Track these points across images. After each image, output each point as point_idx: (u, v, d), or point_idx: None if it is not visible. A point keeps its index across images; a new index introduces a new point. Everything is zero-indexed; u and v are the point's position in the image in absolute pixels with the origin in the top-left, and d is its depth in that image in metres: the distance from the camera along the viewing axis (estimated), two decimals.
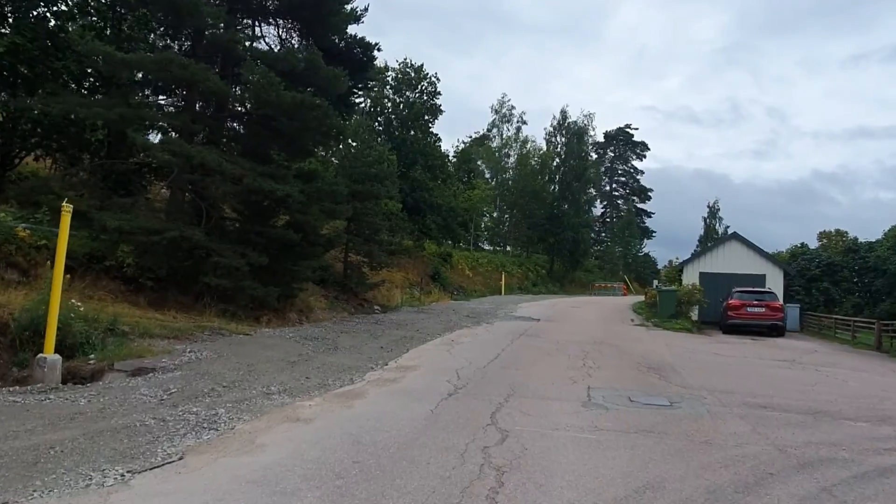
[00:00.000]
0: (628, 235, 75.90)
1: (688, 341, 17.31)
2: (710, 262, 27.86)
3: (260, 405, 7.01)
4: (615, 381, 9.58)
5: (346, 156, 25.73)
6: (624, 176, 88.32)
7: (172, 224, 14.22)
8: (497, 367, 10.48)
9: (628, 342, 15.90)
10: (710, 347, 15.83)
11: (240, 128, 18.63)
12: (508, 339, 15.27)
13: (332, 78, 16.31)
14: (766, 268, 27.24)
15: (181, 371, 8.64)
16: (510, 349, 13.23)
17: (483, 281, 45.76)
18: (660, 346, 15.53)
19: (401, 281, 33.59)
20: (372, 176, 26.05)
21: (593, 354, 12.94)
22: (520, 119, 63.44)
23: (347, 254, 26.26)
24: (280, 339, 12.72)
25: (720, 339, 18.74)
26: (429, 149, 41.50)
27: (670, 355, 13.52)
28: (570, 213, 57.60)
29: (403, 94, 42.34)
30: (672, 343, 16.36)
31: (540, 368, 10.66)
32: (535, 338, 15.85)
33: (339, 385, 8.59)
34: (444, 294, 34.81)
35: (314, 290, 22.77)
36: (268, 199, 15.21)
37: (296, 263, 17.77)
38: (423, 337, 15.21)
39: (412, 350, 12.73)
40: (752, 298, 22.39)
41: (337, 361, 10.63)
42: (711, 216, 66.67)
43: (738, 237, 28.00)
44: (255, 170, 15.48)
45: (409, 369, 10.10)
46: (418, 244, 38.66)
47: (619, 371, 10.75)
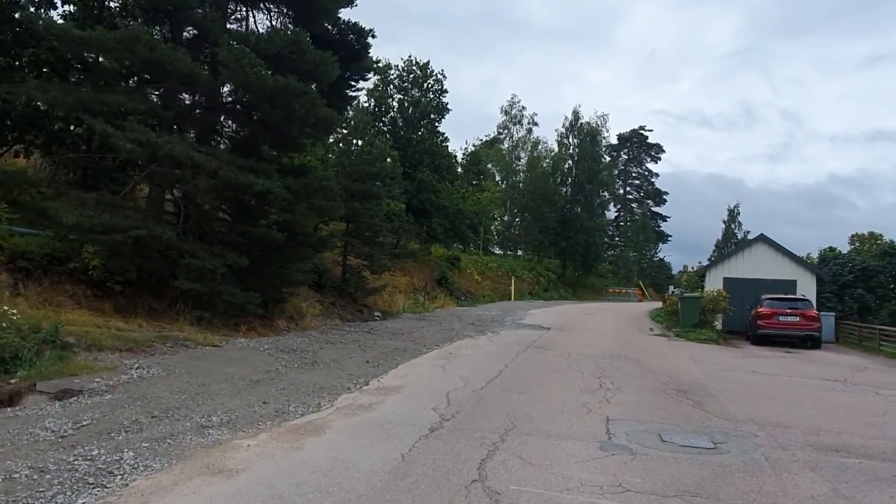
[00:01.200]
0: (643, 239, 73.82)
1: (716, 355, 15.56)
2: (735, 267, 26.02)
3: (184, 446, 5.43)
4: (639, 410, 7.91)
5: (345, 153, 24.21)
6: (638, 179, 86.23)
7: (140, 222, 12.74)
8: (497, 389, 8.84)
9: (649, 356, 14.20)
10: (743, 363, 14.07)
11: (225, 120, 17.16)
12: (514, 351, 13.62)
13: (319, 63, 14.77)
14: (796, 273, 25.34)
15: (112, 394, 7.09)
16: (514, 365, 11.58)
17: (492, 286, 44.09)
18: (686, 360, 13.81)
19: (405, 286, 32.05)
20: (372, 174, 24.53)
21: (611, 371, 11.26)
22: (530, 120, 61.73)
23: (346, 256, 24.75)
24: (253, 351, 11.16)
25: (751, 353, 16.95)
26: (435, 148, 39.91)
27: (700, 373, 11.80)
28: (582, 216, 55.81)
29: (409, 92, 40.81)
30: (699, 357, 14.62)
31: (548, 391, 9.00)
32: (543, 350, 14.19)
33: (299, 413, 7.00)
34: (451, 300, 33.18)
35: (309, 295, 21.30)
36: (247, 194, 13.67)
37: (283, 266, 16.26)
38: (417, 349, 13.60)
39: (402, 365, 11.12)
40: (784, 306, 20.53)
41: (309, 380, 9.04)
42: (731, 220, 64.42)
43: (766, 239, 26.11)
44: (233, 162, 13.98)
45: (391, 391, 8.49)
46: (424, 247, 37.06)
47: (643, 394, 9.07)
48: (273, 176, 14.29)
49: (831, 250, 35.49)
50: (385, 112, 40.89)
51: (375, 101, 40.35)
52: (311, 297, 21.22)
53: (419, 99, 40.27)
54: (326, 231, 25.19)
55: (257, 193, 13.57)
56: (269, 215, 16.02)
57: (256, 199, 14.27)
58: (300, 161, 25.52)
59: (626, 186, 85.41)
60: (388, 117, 40.86)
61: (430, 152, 39.70)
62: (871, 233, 52.07)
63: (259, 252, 15.41)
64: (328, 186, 16.39)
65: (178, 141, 12.47)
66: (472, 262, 45.30)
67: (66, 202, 12.84)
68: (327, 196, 16.44)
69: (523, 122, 61.56)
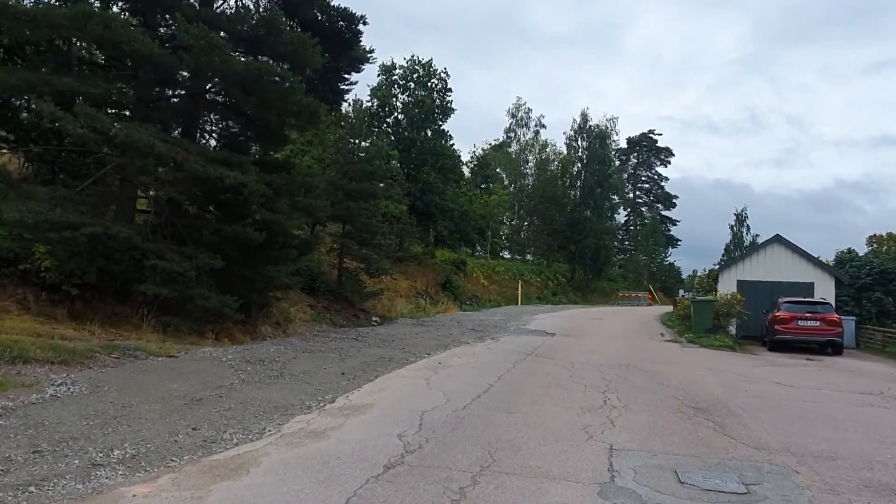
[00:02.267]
0: (653, 243, 72.23)
1: (733, 363, 14.16)
2: (750, 269, 24.55)
3: (48, 497, 4.16)
4: (650, 435, 6.57)
5: (341, 151, 23.01)
6: (648, 182, 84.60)
7: (94, 219, 11.55)
8: (482, 409, 7.52)
9: (661, 365, 12.83)
10: (764, 372, 12.66)
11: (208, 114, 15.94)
12: (511, 361, 12.30)
13: (299, 46, 13.55)
14: (814, 275, 23.85)
15: (5, 420, 5.85)
16: (509, 377, 10.25)
17: (499, 290, 42.73)
18: (701, 370, 12.43)
19: (407, 290, 30.79)
20: (369, 173, 23.32)
21: (618, 384, 9.92)
22: (538, 122, 60.31)
23: (342, 259, 23.53)
24: (213, 362, 9.90)
25: (770, 360, 15.52)
26: (439, 149, 38.68)
27: (718, 385, 10.42)
28: (592, 219, 54.36)
29: (413, 92, 39.60)
30: (716, 366, 13.23)
31: (543, 410, 7.67)
32: (545, 359, 12.85)
33: (232, 443, 5.73)
34: (455, 304, 31.86)
35: (300, 300, 20.11)
36: (220, 189, 12.44)
37: (265, 268, 15.04)
38: (404, 358, 12.31)
39: (381, 378, 9.84)
40: (804, 310, 19.08)
41: (265, 397, 7.77)
42: (739, 224, 62.70)
43: (782, 240, 24.63)
44: (204, 154, 12.79)
45: (357, 411, 7.20)
46: (428, 251, 35.80)
47: (655, 414, 7.73)
48: (249, 170, 13.07)
49: (848, 252, 33.88)
50: (389, 112, 39.75)
51: (379, 100, 39.23)
52: (302, 302, 20.04)
53: (423, 98, 39.08)
54: (324, 232, 24.05)
55: (229, 188, 12.34)
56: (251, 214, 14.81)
57: (230, 194, 13.04)
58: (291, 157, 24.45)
59: (636, 190, 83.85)
60: (391, 118, 39.74)
61: (435, 152, 38.52)
62: (889, 234, 50.33)
63: (238, 253, 14.24)
64: (312, 182, 15.17)
65: (137, 127, 11.24)
66: (478, 265, 43.98)
67: (14, 197, 11.68)
68: (312, 193, 15.22)
69: (530, 125, 60.26)
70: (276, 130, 15.14)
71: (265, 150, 16.49)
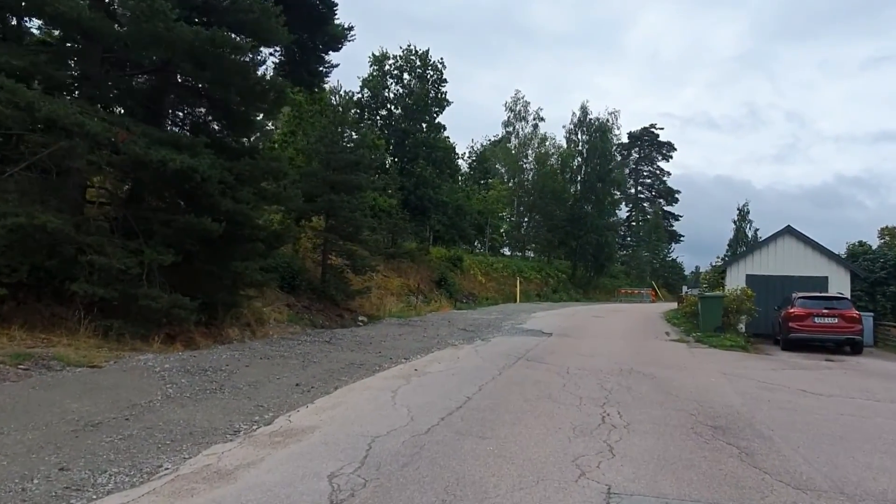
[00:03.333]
0: (655, 239, 70.73)
1: (748, 366, 12.68)
2: (759, 263, 23.07)
3: None
4: (660, 469, 5.11)
5: (322, 139, 21.55)
6: (650, 178, 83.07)
7: (20, 208, 10.12)
8: (449, 433, 6.07)
9: (668, 369, 11.36)
10: (784, 377, 11.17)
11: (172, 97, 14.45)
12: (498, 366, 10.84)
13: (260, 15, 12.10)
14: (828, 268, 22.37)
15: None
16: (492, 387, 8.80)
17: (497, 287, 41.29)
18: (714, 375, 10.95)
19: (398, 288, 29.36)
20: (352, 163, 21.87)
21: (619, 395, 8.47)
22: (536, 116, 58.72)
23: (326, 255, 22.09)
24: (142, 373, 8.44)
25: (787, 362, 14.04)
26: (433, 141, 37.16)
27: (736, 395, 8.95)
28: (593, 214, 52.84)
29: (407, 83, 38.08)
30: (730, 370, 11.75)
31: (525, 433, 6.22)
32: (537, 364, 11.39)
33: (102, 491, 4.27)
34: (449, 302, 30.41)
35: (279, 299, 18.72)
36: (161, 173, 10.97)
37: (230, 264, 13.63)
38: (378, 364, 10.86)
39: (340, 390, 8.39)
40: (821, 306, 17.60)
41: (185, 419, 6.33)
42: (742, 219, 61.29)
43: (793, 232, 23.14)
44: (149, 134, 11.33)
45: (291, 438, 5.75)
46: (422, 247, 34.34)
47: (664, 436, 6.27)
48: (201, 152, 11.60)
49: (860, 245, 32.36)
50: (381, 104, 38.26)
51: (370, 91, 37.75)
52: (279, 301, 18.63)
53: (417, 90, 37.54)
54: (308, 226, 22.58)
55: (176, 173, 10.88)
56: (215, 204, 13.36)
57: (181, 181, 11.59)
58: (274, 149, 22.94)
59: (638, 185, 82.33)
60: (384, 110, 38.25)
61: (429, 145, 37.01)
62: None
63: (199, 248, 12.85)
64: (278, 168, 13.67)
65: (63, 102, 9.79)
66: (476, 262, 42.53)
67: None
68: (278, 179, 13.77)
69: (528, 119, 58.67)
70: (241, 113, 13.70)
71: (234, 136, 15.05)
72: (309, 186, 21.52)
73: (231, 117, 14.31)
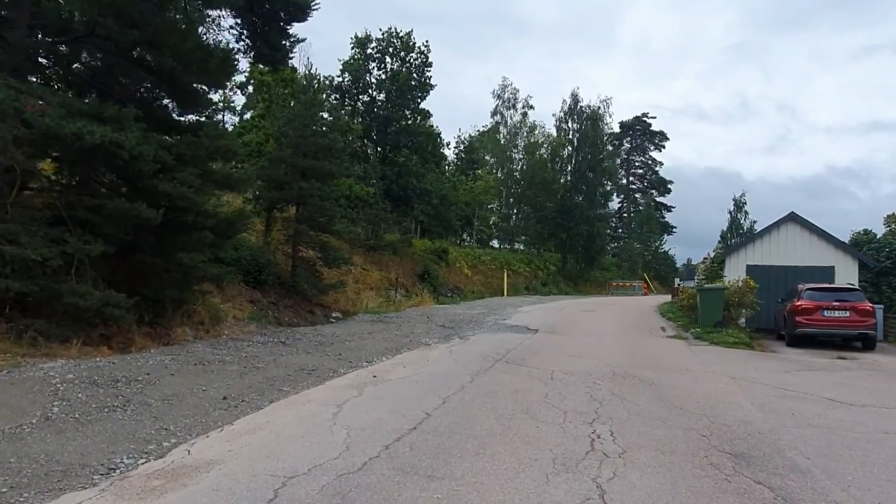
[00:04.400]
0: (647, 231, 69.41)
1: (758, 367, 11.25)
2: (760, 252, 21.71)
3: None
4: None
5: (290, 122, 19.96)
6: (642, 168, 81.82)
7: None
8: (388, 470, 4.57)
9: (669, 373, 9.92)
10: (803, 382, 9.73)
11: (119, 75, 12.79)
12: (471, 371, 9.37)
13: None
14: (835, 257, 21.02)
15: None
16: (458, 400, 7.32)
17: (484, 281, 39.83)
18: (722, 380, 9.51)
19: (378, 282, 27.83)
20: (323, 148, 20.32)
21: (612, 408, 7.01)
22: (525, 104, 57.15)
23: (297, 248, 20.55)
24: (32, 385, 6.89)
25: (799, 361, 12.64)
26: (417, 127, 35.60)
27: (754, 407, 7.49)
28: (584, 205, 51.34)
29: (389, 67, 36.45)
30: (738, 372, 10.32)
31: (489, 468, 4.73)
32: (517, 367, 9.92)
33: None
34: (432, 297, 28.91)
35: (241, 294, 17.21)
36: (79, 149, 9.39)
37: (178, 256, 12.13)
38: (333, 369, 9.36)
39: (274, 405, 6.89)
40: (831, 299, 16.24)
41: (48, 452, 4.82)
42: (737, 210, 60.05)
43: (798, 219, 21.76)
44: (66, 104, 9.74)
45: (173, 483, 4.24)
46: (404, 238, 32.80)
47: (673, 470, 4.80)
48: (129, 126, 10.02)
49: (865, 233, 31.08)
50: (363, 89, 36.65)
51: (351, 75, 36.14)
52: (242, 297, 17.12)
53: (401, 74, 35.91)
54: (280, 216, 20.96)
55: (93, 149, 9.31)
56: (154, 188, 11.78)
57: (104, 158, 10.03)
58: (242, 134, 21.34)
59: (630, 176, 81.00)
60: (366, 95, 36.64)
61: (412, 132, 35.47)
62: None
63: (136, 238, 11.34)
64: (227, 147, 12.08)
65: None
66: (462, 255, 41.01)
67: None
68: (227, 160, 12.21)
69: (517, 107, 57.09)
70: (183, 84, 12.07)
71: (179, 110, 13.43)
72: (278, 173, 19.99)
73: (174, 89, 12.72)
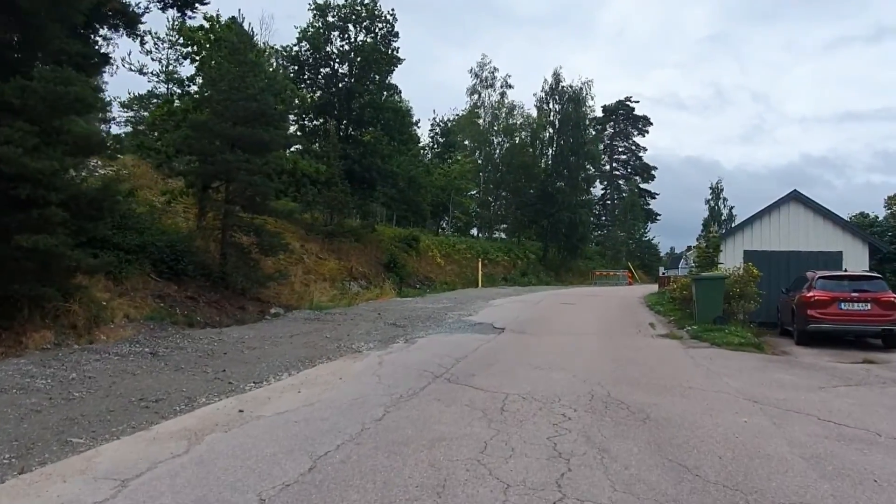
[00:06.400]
0: (631, 218, 66.93)
1: (783, 382, 8.48)
2: (759, 236, 19.14)
3: None
4: None
5: (214, 84, 16.91)
6: (625, 153, 79.04)
7: None
8: None
9: (667, 396, 7.14)
10: (852, 406, 6.96)
11: None
12: (394, 395, 6.53)
13: None
14: (843, 241, 18.48)
15: None
16: (339, 460, 4.47)
17: (458, 271, 37.01)
18: (742, 406, 6.73)
19: (335, 272, 24.89)
20: (255, 114, 17.31)
21: (585, 479, 4.21)
22: (504, 83, 54.21)
23: (227, 233, 17.56)
24: None
25: (826, 368, 9.94)
26: (382, 102, 32.50)
27: (807, 465, 4.71)
28: (565, 190, 48.57)
29: (353, 38, 33.30)
30: (760, 392, 7.56)
31: None
32: (458, 390, 7.10)
33: None
34: (395, 289, 26.02)
35: (147, 287, 14.32)
36: None
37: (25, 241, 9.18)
38: (191, 396, 6.48)
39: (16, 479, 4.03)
40: (848, 289, 13.64)
41: None
42: (716, 198, 57.94)
43: (801, 198, 19.20)
44: None
45: None
46: (366, 224, 29.83)
47: None
48: None
49: (864, 216, 28.77)
50: (325, 61, 33.45)
51: (310, 45, 32.95)
52: (149, 291, 14.19)
53: (363, 44, 32.78)
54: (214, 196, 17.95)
55: None
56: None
57: None
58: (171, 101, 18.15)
59: (613, 162, 78.25)
60: (327, 67, 33.44)
61: (378, 106, 32.40)
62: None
63: None
64: (81, 96, 9.05)
65: None
66: (434, 243, 38.13)
67: None
68: (80, 113, 9.20)
69: (496, 86, 54.13)
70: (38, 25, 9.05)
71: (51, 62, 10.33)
72: (201, 143, 16.99)
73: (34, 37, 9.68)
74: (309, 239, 26.09)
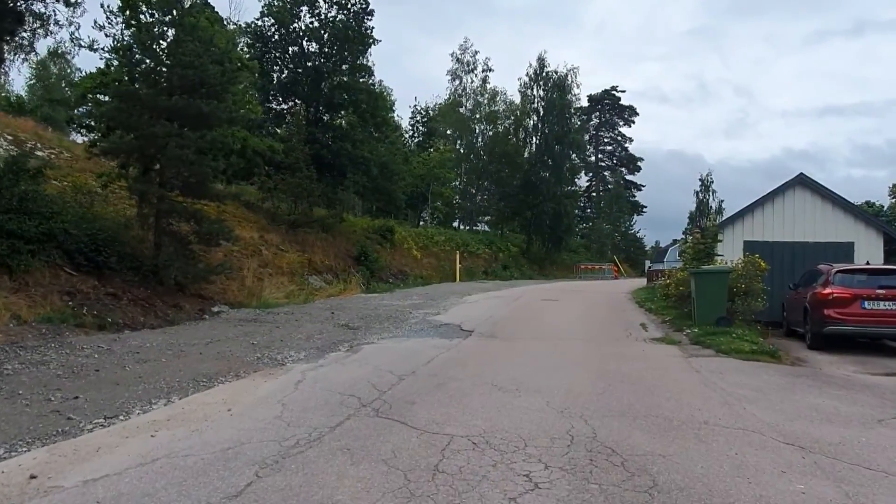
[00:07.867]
0: (617, 211, 65.14)
1: (829, 413, 6.43)
2: (761, 225, 17.32)
3: None
4: None
5: (145, 46, 14.61)
6: (611, 144, 77.17)
7: None
8: None
9: (680, 440, 5.10)
10: None
11: None
12: (285, 445, 4.44)
13: None
14: (855, 230, 16.72)
15: None
16: None
17: (435, 264, 34.93)
18: (789, 460, 4.71)
19: (296, 265, 22.67)
20: (195, 82, 15.04)
21: None
22: (485, 67, 52.00)
23: (161, 220, 15.30)
24: None
25: (872, 388, 7.97)
26: (354, 84, 30.23)
27: None
28: (550, 180, 46.55)
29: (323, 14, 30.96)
30: (804, 433, 5.52)
31: None
32: (387, 429, 5.01)
33: None
34: (362, 283, 23.87)
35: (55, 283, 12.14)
36: None
37: None
38: None
39: None
40: (873, 285, 11.73)
41: None
42: (704, 190, 56.24)
43: (808, 182, 17.38)
44: None
45: None
46: (333, 214, 27.59)
47: None
48: None
49: (869, 205, 27.03)
50: (292, 39, 31.09)
51: (276, 20, 30.61)
52: (56, 287, 11.99)
53: (334, 20, 30.46)
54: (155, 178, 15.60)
55: None
56: None
57: None
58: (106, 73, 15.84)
59: (598, 153, 76.38)
60: (295, 46, 31.09)
61: (349, 88, 30.14)
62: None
63: None
64: None
65: None
66: (410, 235, 36.03)
67: None
68: None
69: (477, 71, 51.89)
70: None
71: None
72: (130, 117, 14.70)
73: None
74: (270, 229, 23.90)
